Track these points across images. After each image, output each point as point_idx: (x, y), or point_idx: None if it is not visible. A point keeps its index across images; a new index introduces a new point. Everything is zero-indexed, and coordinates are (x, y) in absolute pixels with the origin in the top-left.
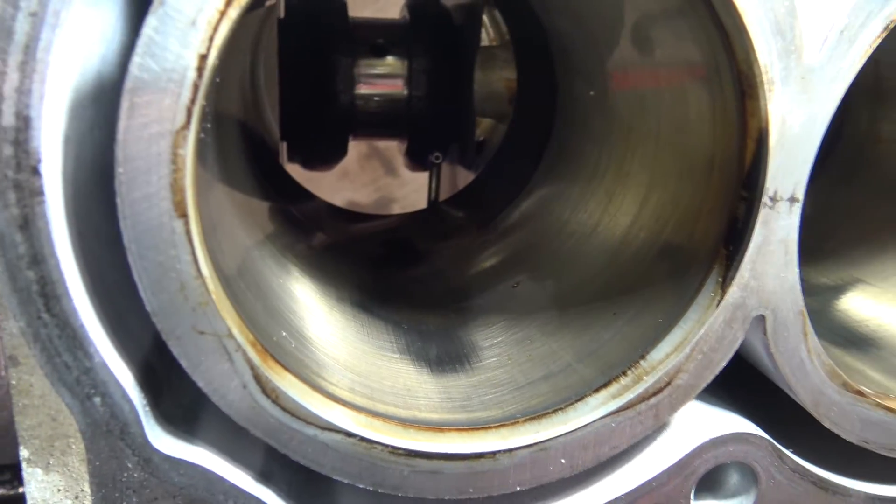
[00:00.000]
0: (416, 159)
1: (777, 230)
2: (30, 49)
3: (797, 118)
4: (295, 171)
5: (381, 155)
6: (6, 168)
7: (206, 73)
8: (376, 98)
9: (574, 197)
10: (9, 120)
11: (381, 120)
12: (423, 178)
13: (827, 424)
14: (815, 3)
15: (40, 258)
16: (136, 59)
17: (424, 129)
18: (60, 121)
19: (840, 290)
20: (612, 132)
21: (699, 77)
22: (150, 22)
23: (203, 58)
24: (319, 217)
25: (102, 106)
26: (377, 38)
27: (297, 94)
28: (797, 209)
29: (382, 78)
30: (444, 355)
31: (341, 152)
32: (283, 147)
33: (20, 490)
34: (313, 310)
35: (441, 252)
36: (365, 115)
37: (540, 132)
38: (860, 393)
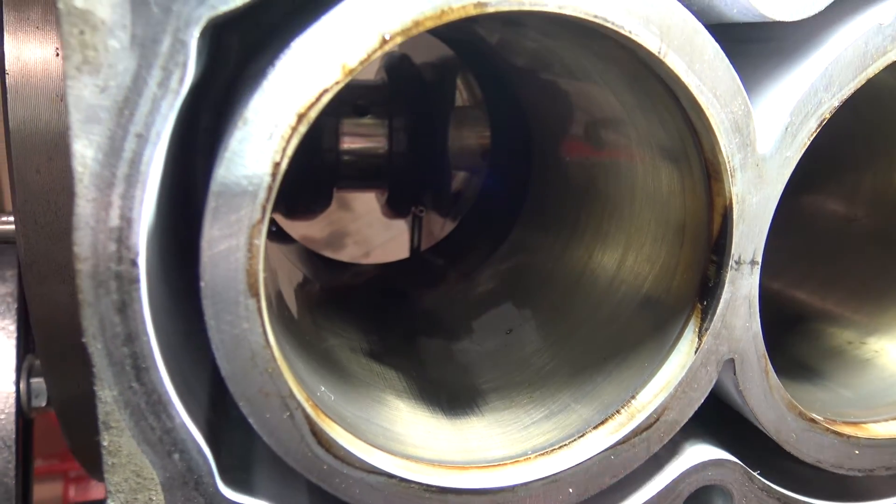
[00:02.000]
0: (395, 209)
1: (742, 288)
2: (134, 163)
3: (754, 197)
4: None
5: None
6: (110, 262)
7: (278, 177)
8: (359, 154)
9: (557, 250)
10: (114, 222)
11: (364, 173)
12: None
13: (788, 448)
14: (765, 106)
15: (134, 336)
16: (222, 168)
17: (403, 182)
18: (152, 219)
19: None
20: (588, 194)
21: (670, 160)
22: (236, 135)
23: (277, 165)
24: (309, 264)
25: (170, 207)
26: (358, 98)
27: None
28: (757, 270)
29: (364, 136)
30: (454, 400)
31: (326, 203)
32: None
33: None
34: (337, 362)
35: (433, 300)
36: (348, 169)
37: (516, 187)
38: (813, 420)
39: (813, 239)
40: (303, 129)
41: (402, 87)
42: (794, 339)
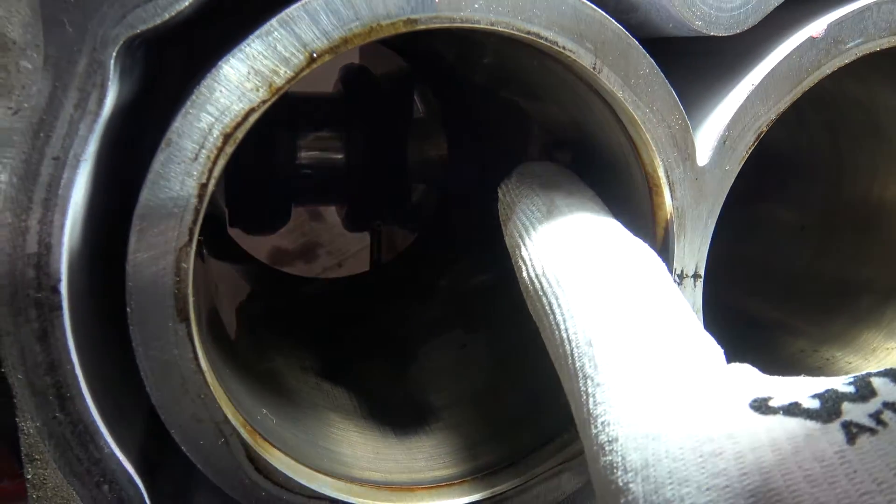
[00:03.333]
0: (355, 223)
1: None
2: (52, 187)
3: (694, 211)
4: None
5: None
6: (28, 288)
7: (205, 199)
8: (316, 167)
9: (508, 263)
10: (32, 247)
11: (322, 188)
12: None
13: None
14: (704, 120)
15: (57, 364)
16: (146, 190)
17: (363, 195)
18: (76, 244)
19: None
20: None
21: (616, 175)
22: (159, 158)
23: (203, 186)
24: (264, 280)
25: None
26: (314, 111)
27: (241, 165)
28: (700, 283)
29: (322, 150)
30: (405, 418)
31: (284, 218)
32: (226, 213)
33: None
34: (282, 383)
35: (389, 314)
36: (306, 184)
37: (472, 199)
38: None
39: (768, 249)
40: (229, 149)
41: (359, 100)
42: (751, 347)
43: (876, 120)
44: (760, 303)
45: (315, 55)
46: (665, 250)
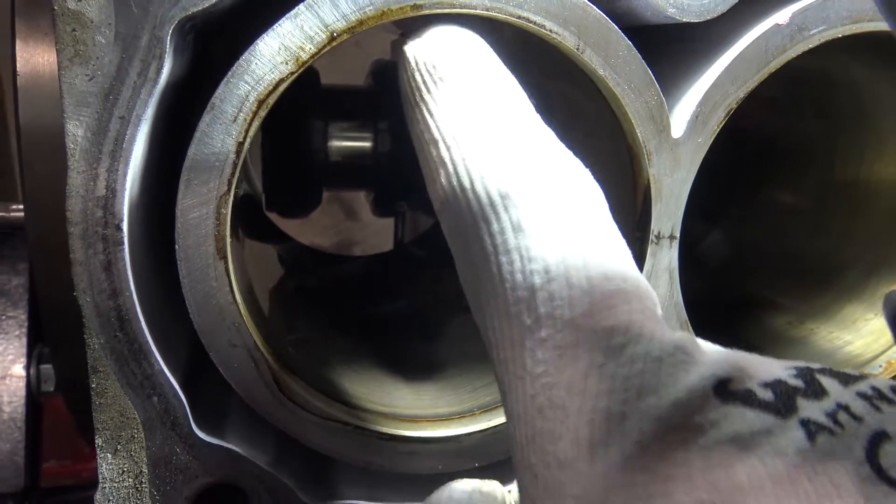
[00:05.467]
0: (382, 207)
1: (662, 260)
2: (118, 141)
3: (670, 178)
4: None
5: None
6: (97, 226)
7: (242, 154)
8: (346, 155)
9: None
10: (101, 191)
11: (351, 173)
12: (381, 221)
13: None
14: (680, 98)
15: (118, 291)
16: (193, 146)
17: (389, 181)
18: (135, 190)
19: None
20: None
21: (604, 145)
22: (204, 119)
23: (240, 144)
24: (301, 259)
25: (153, 181)
26: (346, 102)
27: (277, 151)
28: (675, 245)
29: (351, 138)
30: (416, 369)
31: (316, 202)
32: (263, 197)
33: None
34: (310, 334)
35: (409, 288)
36: (336, 170)
37: None
38: None
39: (766, 232)
40: (262, 113)
41: (387, 92)
42: (742, 321)
43: (861, 106)
44: (754, 281)
45: (335, 34)
46: (645, 213)
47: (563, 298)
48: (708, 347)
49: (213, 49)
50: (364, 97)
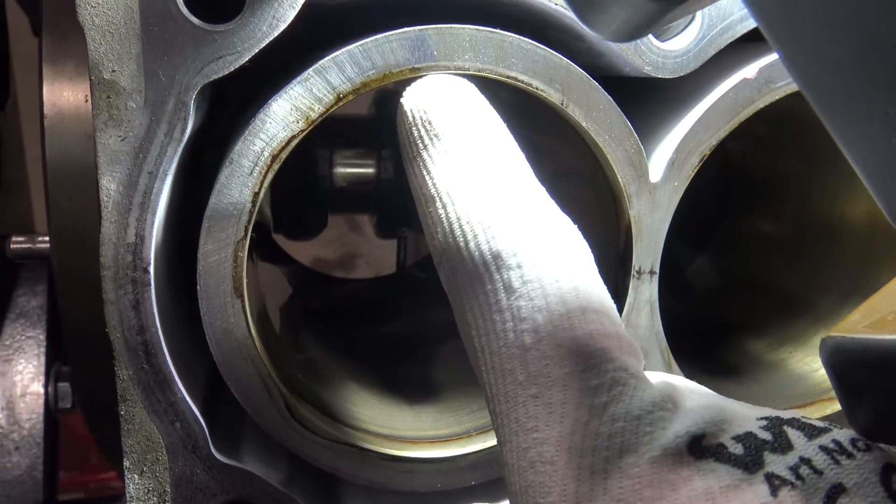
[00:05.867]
0: (385, 230)
1: (643, 294)
2: (146, 194)
3: (649, 219)
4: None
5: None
6: (127, 269)
7: (257, 204)
8: (350, 180)
9: None
10: (131, 238)
11: (355, 198)
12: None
13: None
14: (658, 144)
15: (146, 328)
16: (213, 197)
17: (391, 206)
18: (160, 237)
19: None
20: None
21: (591, 188)
22: (224, 172)
23: (256, 194)
24: (306, 280)
25: (175, 227)
26: (350, 131)
27: (285, 179)
28: (655, 280)
29: (355, 165)
30: (417, 390)
31: (322, 225)
32: (271, 221)
33: None
34: (314, 356)
35: (410, 309)
36: (341, 195)
37: None
38: None
39: (746, 259)
40: (276, 166)
41: (389, 121)
42: (723, 345)
43: (834, 146)
44: (735, 307)
45: (341, 96)
46: (627, 250)
47: (552, 358)
48: (688, 392)
49: (226, 90)
50: (367, 126)
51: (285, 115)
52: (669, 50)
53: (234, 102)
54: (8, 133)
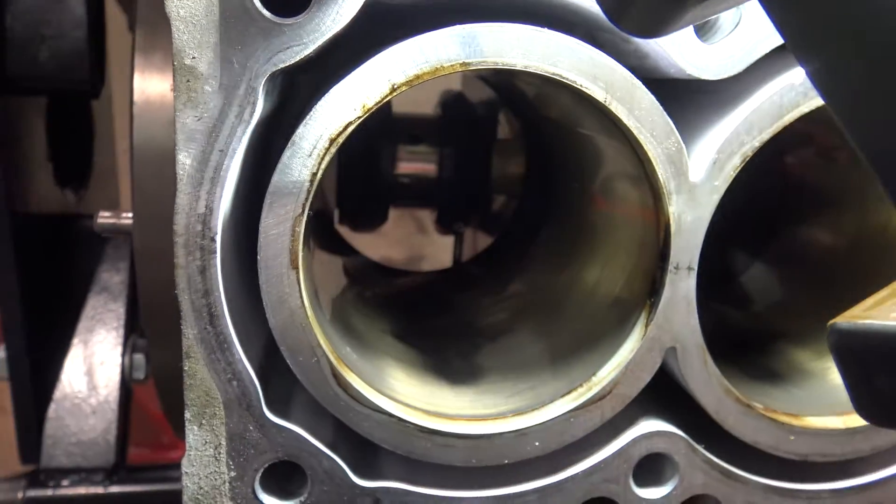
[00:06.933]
0: (444, 226)
1: (680, 289)
2: (216, 169)
3: (688, 217)
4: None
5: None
6: (196, 237)
7: (314, 183)
8: (412, 177)
9: (560, 262)
10: (201, 209)
11: (416, 194)
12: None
13: (727, 428)
14: (700, 144)
15: (210, 291)
16: (276, 175)
17: (451, 202)
18: (227, 209)
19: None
20: (584, 219)
21: (635, 185)
22: (286, 153)
23: (314, 175)
24: (365, 270)
25: (242, 202)
26: (414, 129)
27: (350, 171)
28: (693, 275)
29: (418, 161)
30: (459, 374)
31: (383, 218)
32: (336, 212)
33: (111, 489)
34: (365, 337)
35: (462, 302)
36: (403, 190)
37: (541, 211)
38: (749, 406)
39: (800, 268)
40: (333, 149)
41: (452, 120)
42: (766, 350)
43: None
44: (784, 315)
45: (395, 86)
46: (666, 245)
47: None
48: None
49: (297, 81)
50: (431, 125)
51: (343, 102)
52: (715, 52)
53: (303, 93)
54: (101, 123)
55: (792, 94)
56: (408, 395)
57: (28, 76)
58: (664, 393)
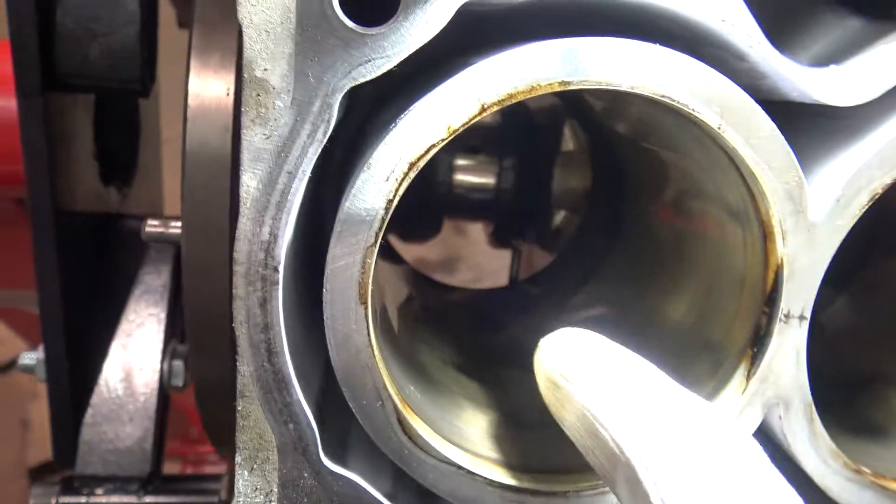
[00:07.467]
0: (499, 240)
1: (790, 339)
2: (284, 193)
3: (804, 259)
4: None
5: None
6: (259, 266)
7: (390, 211)
8: (469, 187)
9: (634, 289)
10: (265, 236)
11: (472, 206)
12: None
13: (831, 495)
14: (822, 177)
15: (270, 326)
16: (347, 201)
17: (508, 216)
18: (290, 237)
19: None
20: (664, 244)
21: (736, 220)
22: (360, 177)
23: (390, 201)
24: (417, 283)
25: (306, 228)
26: (473, 139)
27: None
28: (805, 325)
29: (475, 172)
30: (522, 412)
31: (436, 230)
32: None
33: (145, 500)
34: (427, 371)
35: (520, 324)
36: (458, 201)
37: (608, 230)
38: (858, 471)
39: (893, 304)
40: (413, 174)
41: (514, 130)
42: (863, 397)
43: None
44: (878, 355)
45: (485, 106)
46: (775, 289)
47: None
48: None
49: (361, 91)
50: (491, 134)
51: (427, 123)
52: (846, 74)
53: (367, 101)
54: (147, 120)
55: None
56: (476, 440)
57: (78, 74)
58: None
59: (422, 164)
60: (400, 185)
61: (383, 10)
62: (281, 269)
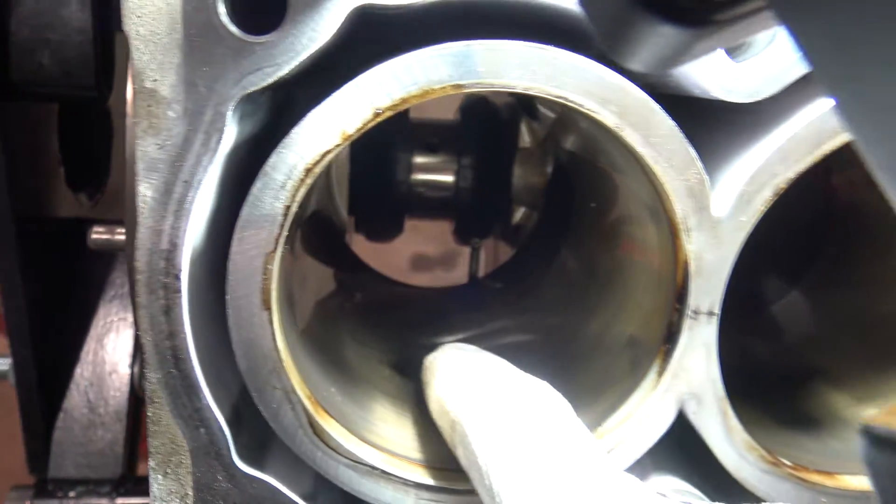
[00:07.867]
0: (462, 237)
1: (699, 335)
2: (180, 202)
3: (710, 255)
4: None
5: None
6: (159, 275)
7: (289, 217)
8: (429, 187)
9: (578, 289)
10: (164, 245)
11: (433, 204)
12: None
13: (748, 488)
14: (727, 174)
15: (175, 333)
16: (246, 208)
17: (469, 213)
18: (192, 245)
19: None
20: (600, 247)
21: (653, 219)
22: (257, 185)
23: (287, 207)
24: (363, 280)
25: (214, 237)
26: (432, 136)
27: (364, 180)
28: (714, 321)
29: (434, 171)
30: None
31: (398, 229)
32: (351, 221)
33: (117, 501)
34: (357, 369)
35: (474, 323)
36: (419, 200)
37: (560, 228)
38: (776, 463)
39: (843, 300)
40: (309, 180)
41: (473, 127)
42: (802, 393)
43: None
44: (822, 353)
45: (379, 111)
46: (684, 286)
47: None
48: None
49: (294, 95)
50: (450, 132)
51: (320, 129)
52: (746, 71)
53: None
54: (122, 124)
55: (833, 119)
56: (394, 440)
57: (34, 82)
58: (682, 446)
59: (318, 170)
60: (297, 191)
61: (271, 18)
62: (183, 276)
